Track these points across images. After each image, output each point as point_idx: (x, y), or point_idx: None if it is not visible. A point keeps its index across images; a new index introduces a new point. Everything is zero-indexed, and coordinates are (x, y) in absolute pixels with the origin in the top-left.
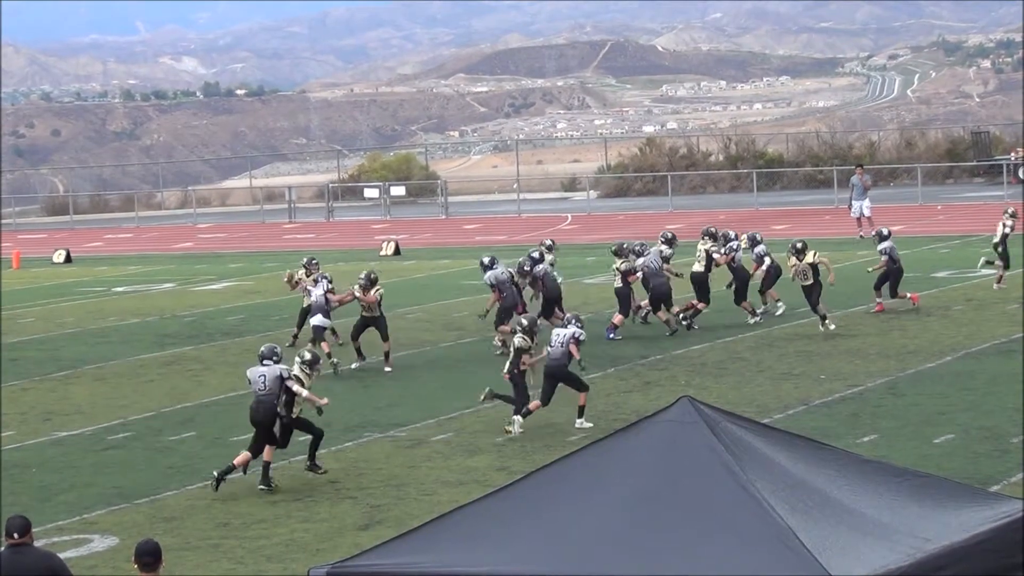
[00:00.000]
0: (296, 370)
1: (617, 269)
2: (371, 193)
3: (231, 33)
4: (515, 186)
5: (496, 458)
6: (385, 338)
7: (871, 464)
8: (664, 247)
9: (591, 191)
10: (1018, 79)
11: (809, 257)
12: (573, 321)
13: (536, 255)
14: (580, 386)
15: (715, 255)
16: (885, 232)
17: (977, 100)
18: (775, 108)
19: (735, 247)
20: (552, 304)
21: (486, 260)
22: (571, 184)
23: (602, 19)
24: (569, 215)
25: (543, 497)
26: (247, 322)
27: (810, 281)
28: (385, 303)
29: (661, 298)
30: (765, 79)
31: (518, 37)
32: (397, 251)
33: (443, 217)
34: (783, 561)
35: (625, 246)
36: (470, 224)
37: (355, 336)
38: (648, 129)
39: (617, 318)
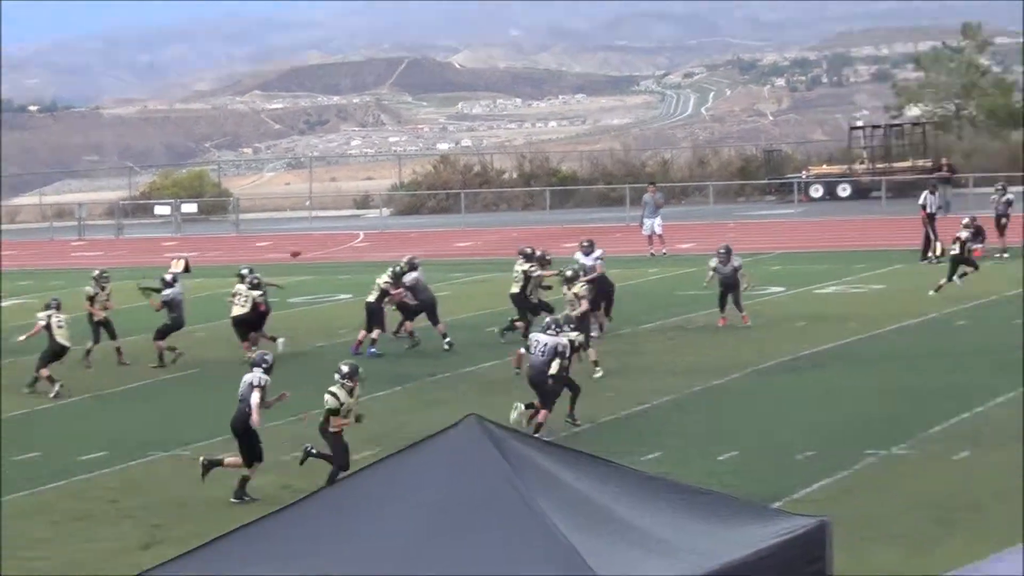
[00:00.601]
0: (335, 387)
1: (377, 284)
2: (162, 210)
3: (24, 49)
4: (308, 203)
5: (280, 476)
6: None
7: (655, 481)
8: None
9: (384, 208)
10: (812, 98)
11: (576, 288)
12: (552, 327)
13: (416, 261)
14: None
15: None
16: (723, 249)
17: (771, 118)
18: (570, 126)
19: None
20: (426, 311)
21: (167, 276)
22: (364, 201)
23: (400, 36)
24: (361, 232)
25: (327, 516)
26: (33, 341)
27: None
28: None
29: (426, 310)
30: (561, 97)
31: (316, 54)
32: (187, 268)
33: (235, 234)
34: None
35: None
36: (262, 241)
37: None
38: (443, 146)
39: (375, 332)
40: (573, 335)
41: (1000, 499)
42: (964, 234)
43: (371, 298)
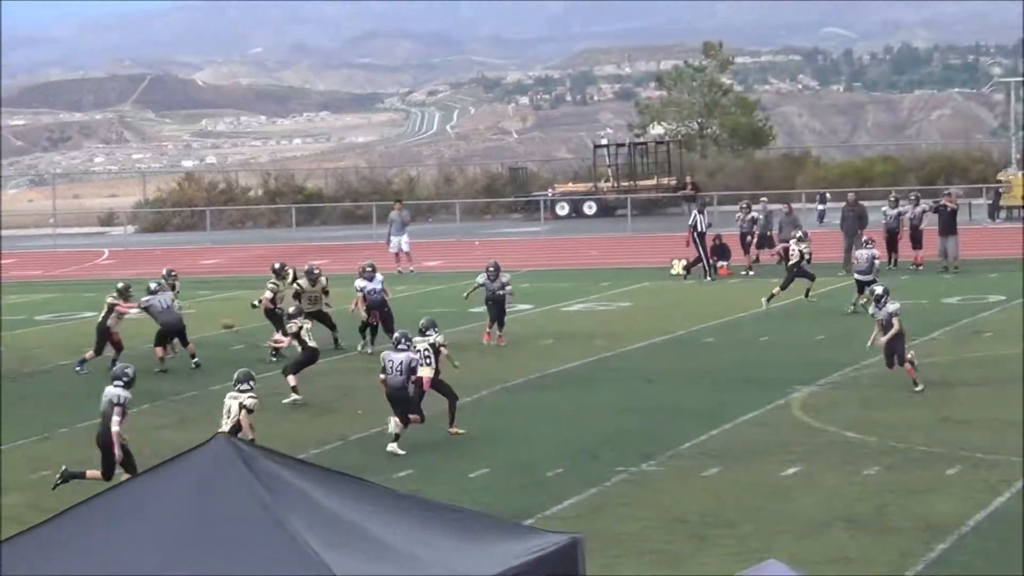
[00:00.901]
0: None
1: (106, 302)
2: None
3: None
4: (51, 220)
5: (30, 496)
6: None
7: (406, 499)
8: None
9: (129, 226)
10: (556, 116)
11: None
12: (401, 341)
13: (153, 286)
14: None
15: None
16: (492, 267)
17: (516, 136)
18: (315, 143)
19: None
20: (171, 335)
21: None
22: (108, 219)
23: (142, 53)
24: (106, 250)
25: (76, 536)
26: None
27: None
28: None
29: (173, 333)
30: (305, 114)
31: (57, 70)
32: None
33: None
34: None
35: (125, 286)
36: (5, 259)
37: None
38: (187, 164)
39: (89, 353)
40: (437, 337)
41: (749, 515)
42: (801, 247)
43: (100, 317)
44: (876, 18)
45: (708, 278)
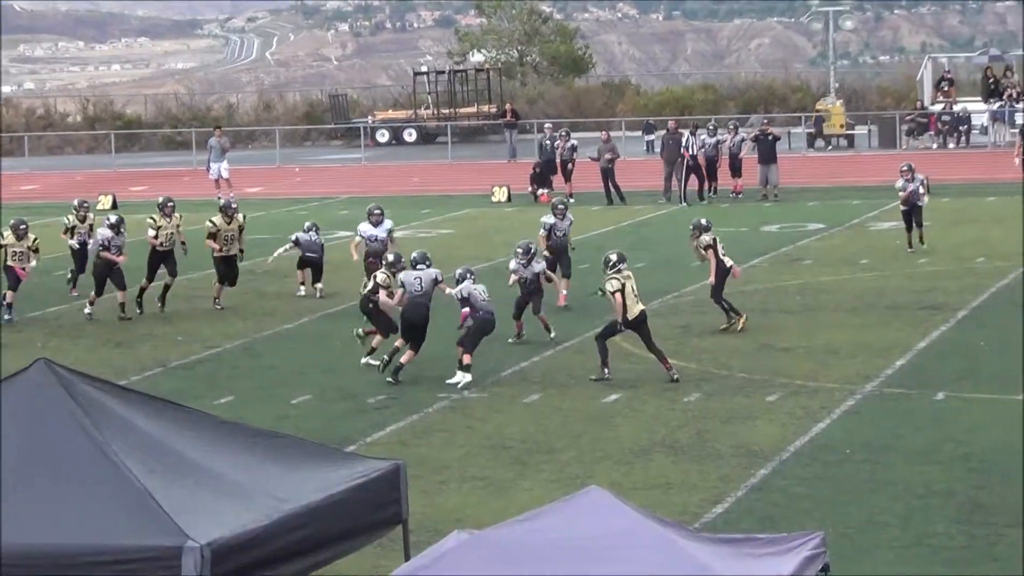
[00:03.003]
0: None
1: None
2: None
3: None
4: None
5: None
6: None
7: (227, 425)
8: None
9: None
10: (376, 43)
11: None
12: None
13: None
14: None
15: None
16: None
17: (335, 63)
18: (134, 69)
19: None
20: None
21: None
22: None
23: None
24: None
25: None
26: None
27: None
28: None
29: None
30: (124, 40)
31: None
32: None
33: None
34: (141, 523)
35: None
36: None
37: None
38: (5, 90)
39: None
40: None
41: (570, 441)
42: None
43: None
44: None
45: (706, 199)
